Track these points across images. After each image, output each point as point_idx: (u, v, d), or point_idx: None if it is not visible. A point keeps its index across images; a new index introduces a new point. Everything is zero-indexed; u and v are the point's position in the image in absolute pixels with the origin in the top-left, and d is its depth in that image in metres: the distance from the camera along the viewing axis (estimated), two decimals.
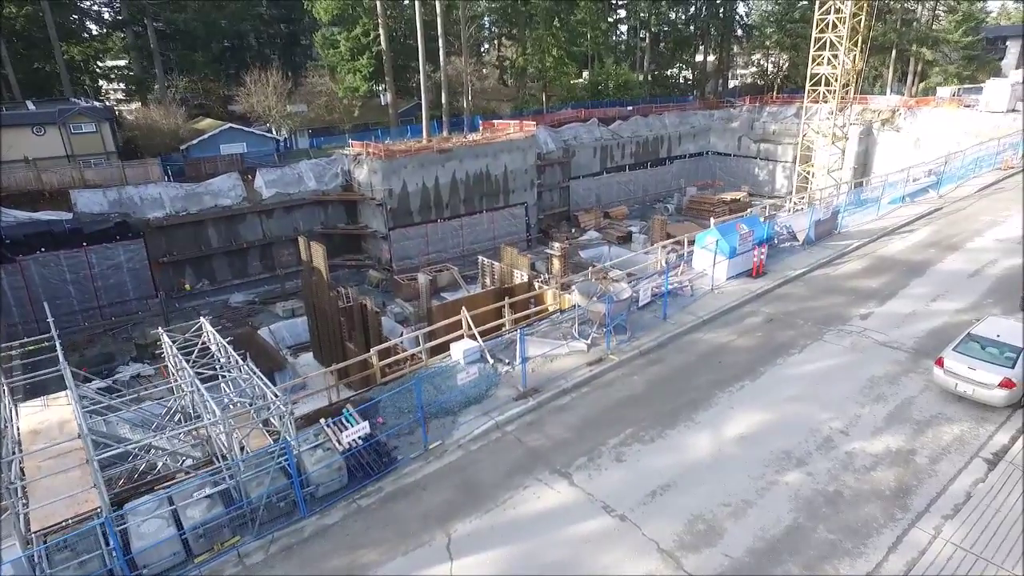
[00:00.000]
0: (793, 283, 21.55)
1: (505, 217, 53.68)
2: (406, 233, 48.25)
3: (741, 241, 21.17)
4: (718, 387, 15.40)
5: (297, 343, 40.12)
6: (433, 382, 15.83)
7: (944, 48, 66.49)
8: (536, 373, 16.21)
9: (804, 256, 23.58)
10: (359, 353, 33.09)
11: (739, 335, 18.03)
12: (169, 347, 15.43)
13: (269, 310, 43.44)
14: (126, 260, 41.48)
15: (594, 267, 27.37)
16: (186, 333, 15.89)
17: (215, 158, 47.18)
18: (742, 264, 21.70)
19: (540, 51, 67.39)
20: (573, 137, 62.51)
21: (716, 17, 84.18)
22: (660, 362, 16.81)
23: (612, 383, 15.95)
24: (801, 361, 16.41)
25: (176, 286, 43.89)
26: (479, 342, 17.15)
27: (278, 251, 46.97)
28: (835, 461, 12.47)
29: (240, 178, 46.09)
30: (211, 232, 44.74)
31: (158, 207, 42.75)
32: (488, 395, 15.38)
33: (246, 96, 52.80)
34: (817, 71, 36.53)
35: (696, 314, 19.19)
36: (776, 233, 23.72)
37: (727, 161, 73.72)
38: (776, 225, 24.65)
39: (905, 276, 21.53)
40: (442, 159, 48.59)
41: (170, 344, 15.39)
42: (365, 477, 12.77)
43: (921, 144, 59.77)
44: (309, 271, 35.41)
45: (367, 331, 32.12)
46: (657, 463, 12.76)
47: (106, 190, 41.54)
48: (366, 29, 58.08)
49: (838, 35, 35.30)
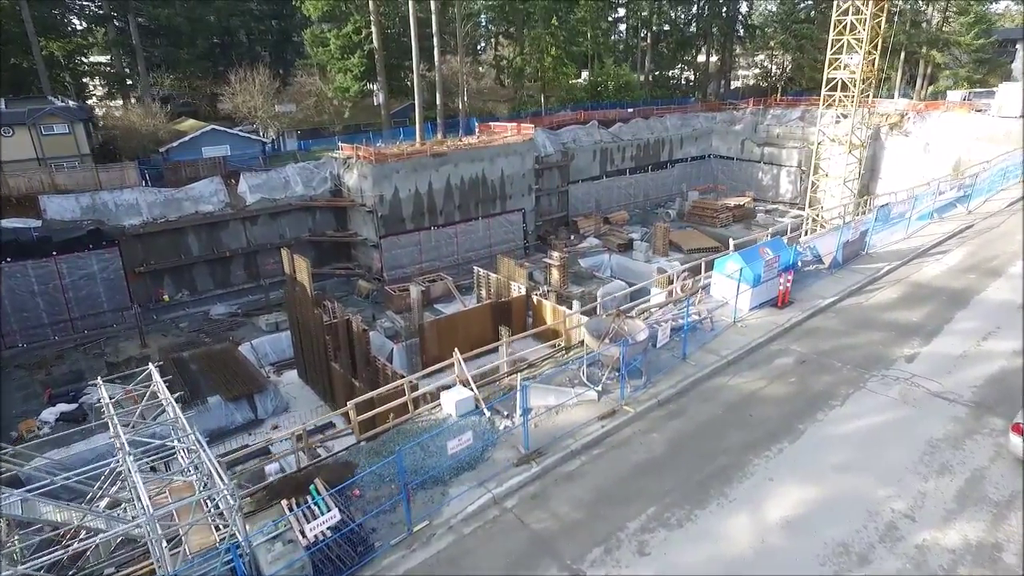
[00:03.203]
0: (824, 314, 19.39)
1: (502, 224, 51.44)
2: (398, 241, 45.95)
3: (766, 268, 19.01)
4: (752, 450, 13.23)
5: (281, 359, 37.84)
6: (421, 441, 13.64)
7: (955, 51, 64.53)
8: (540, 428, 14.02)
9: (832, 282, 21.43)
10: (344, 374, 30.87)
11: (769, 380, 15.85)
12: (107, 404, 13.14)
13: (252, 322, 41.08)
14: (99, 270, 39.12)
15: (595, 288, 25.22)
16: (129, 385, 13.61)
17: (197, 161, 44.74)
18: (766, 293, 19.54)
19: (538, 50, 65.12)
20: (572, 140, 60.31)
21: (718, 16, 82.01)
22: (682, 415, 14.62)
23: (628, 442, 13.75)
24: (845, 416, 14.24)
25: (154, 297, 41.49)
26: (473, 390, 14.92)
27: (263, 259, 44.60)
28: (905, 559, 10.31)
29: (223, 183, 43.70)
30: (191, 240, 42.35)
31: (135, 213, 40.33)
32: (484, 459, 13.18)
33: (231, 96, 50.33)
34: (834, 75, 34.42)
35: (719, 353, 17.01)
36: (800, 255, 21.57)
37: (730, 165, 71.67)
38: (800, 245, 22.52)
39: (947, 307, 19.40)
40: (436, 163, 46.30)
41: (108, 400, 13.11)
42: (336, 572, 10.55)
43: (931, 149, 58.07)
44: (292, 285, 33.09)
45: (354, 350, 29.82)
46: (689, 558, 10.57)
47: (79, 195, 39.09)
48: (358, 26, 55.66)
49: (856, 37, 33.16)
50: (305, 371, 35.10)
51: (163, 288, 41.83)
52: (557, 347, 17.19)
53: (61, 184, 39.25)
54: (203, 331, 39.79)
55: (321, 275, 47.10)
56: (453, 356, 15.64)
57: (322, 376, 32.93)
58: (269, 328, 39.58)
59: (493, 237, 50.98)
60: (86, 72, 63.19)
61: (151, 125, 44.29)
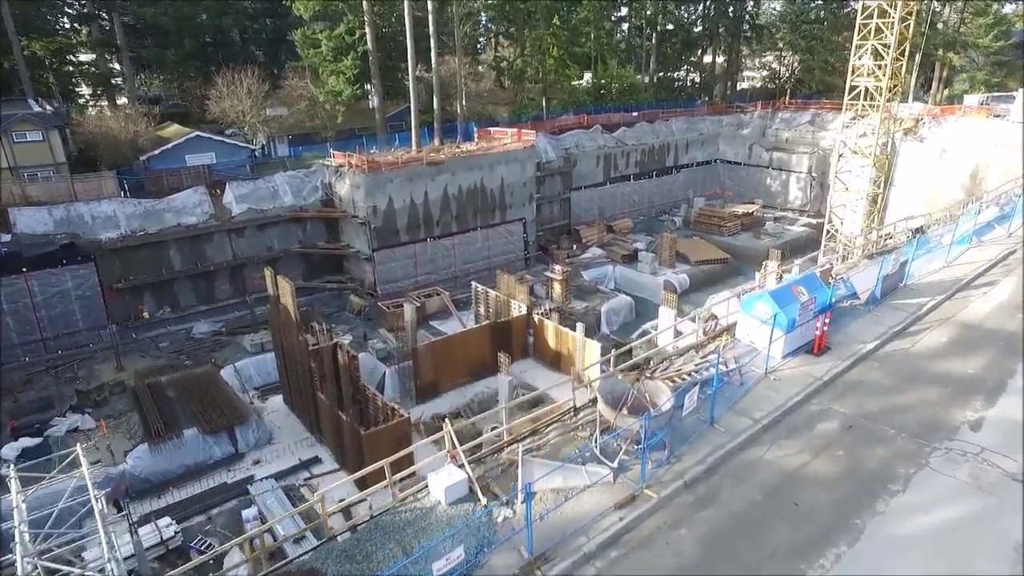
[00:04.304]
0: (866, 363, 17.08)
1: (501, 234, 49.18)
2: (392, 254, 43.68)
3: (801, 311, 16.72)
4: (802, 556, 10.94)
5: (267, 383, 35.53)
6: (402, 536, 11.37)
7: (972, 53, 62.18)
8: (547, 522, 11.73)
9: (871, 322, 19.11)
10: (330, 407, 28.58)
11: (813, 454, 13.56)
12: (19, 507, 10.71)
13: (237, 342, 38.83)
14: (74, 287, 36.93)
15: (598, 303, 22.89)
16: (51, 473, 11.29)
17: (180, 170, 42.40)
18: (800, 337, 17.26)
19: (540, 51, 62.75)
20: (575, 145, 58.03)
21: (725, 16, 79.55)
22: (713, 501, 12.33)
23: (652, 542, 11.46)
24: (910, 508, 11.94)
25: (133, 314, 39.23)
26: (467, 471, 12.62)
27: (250, 274, 42.31)
28: None
29: (207, 193, 41.45)
30: (173, 254, 40.12)
31: (112, 226, 38.09)
32: (480, 564, 10.90)
33: (217, 100, 47.94)
34: (857, 83, 32.07)
35: (751, 415, 14.73)
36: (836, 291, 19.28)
37: (737, 170, 69.44)
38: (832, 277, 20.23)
39: (1006, 356, 17.10)
40: (432, 172, 44.00)
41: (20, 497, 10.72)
42: None
43: (947, 156, 55.98)
44: (276, 306, 30.77)
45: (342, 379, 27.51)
46: None
47: (52, 207, 36.87)
48: (351, 27, 53.24)
49: (883, 42, 30.82)
50: (291, 398, 32.82)
51: (143, 305, 39.58)
52: (565, 411, 14.88)
53: (33, 195, 37.03)
54: (184, 352, 37.53)
55: (312, 289, 44.90)
56: (443, 427, 13.32)
57: (308, 406, 30.64)
58: (254, 349, 37.32)
59: (492, 248, 48.74)
60: (71, 73, 60.71)
61: (131, 131, 41.83)
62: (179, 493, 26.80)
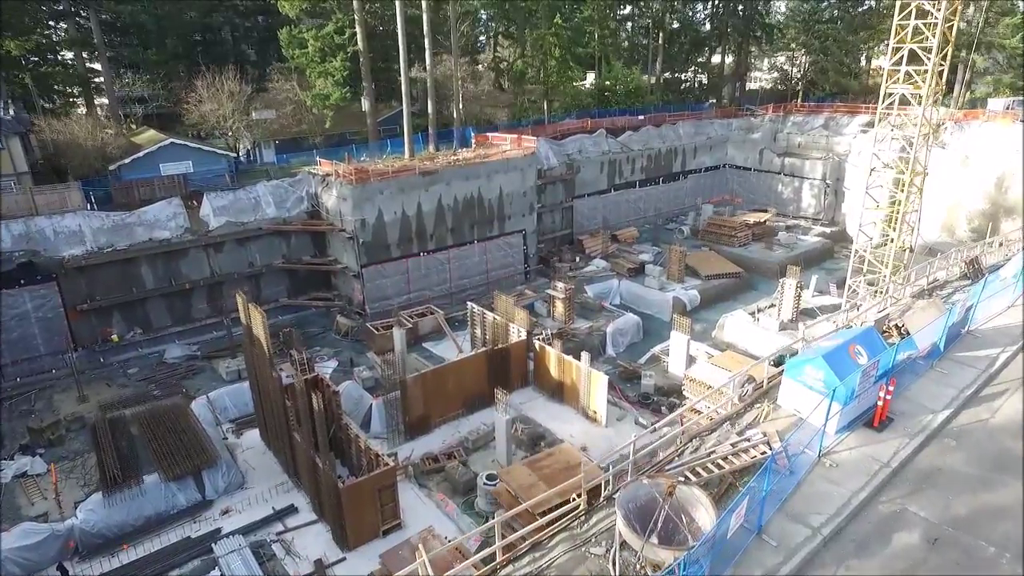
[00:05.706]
0: (939, 442, 14.04)
1: (500, 247, 46.14)
2: (382, 270, 40.64)
3: (863, 379, 13.69)
4: None
5: (243, 415, 32.39)
6: None
7: (997, 54, 59.10)
8: None
9: (935, 382, 16.05)
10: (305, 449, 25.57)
11: None
12: None
13: (213, 367, 35.79)
14: (33, 309, 34.01)
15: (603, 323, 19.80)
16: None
17: (153, 180, 39.32)
18: (857, 407, 14.22)
19: (541, 52, 59.64)
20: (578, 150, 55.04)
21: (735, 14, 76.37)
22: None
23: None
24: None
25: (101, 337, 36.23)
26: None
27: (229, 291, 39.16)
28: None
29: (182, 205, 38.40)
30: (145, 271, 37.11)
31: (77, 242, 35.07)
32: None
33: (196, 104, 44.84)
34: (894, 90, 29.01)
35: (807, 521, 11.68)
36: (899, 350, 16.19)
37: (747, 176, 66.50)
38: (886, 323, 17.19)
39: None
40: (426, 182, 40.94)
41: None
42: None
43: (970, 162, 53.35)
44: (249, 337, 27.74)
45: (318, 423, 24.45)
46: None
47: (9, 222, 33.82)
48: (340, 26, 50.08)
49: (923, 45, 27.74)
50: (267, 433, 29.82)
51: (111, 327, 36.57)
52: (573, 513, 11.83)
53: None
54: (154, 379, 34.48)
55: (298, 307, 41.93)
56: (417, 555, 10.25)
57: (284, 446, 27.63)
58: (230, 376, 34.26)
59: (490, 262, 45.73)
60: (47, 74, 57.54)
61: (97, 138, 38.73)
62: (135, 551, 23.82)
